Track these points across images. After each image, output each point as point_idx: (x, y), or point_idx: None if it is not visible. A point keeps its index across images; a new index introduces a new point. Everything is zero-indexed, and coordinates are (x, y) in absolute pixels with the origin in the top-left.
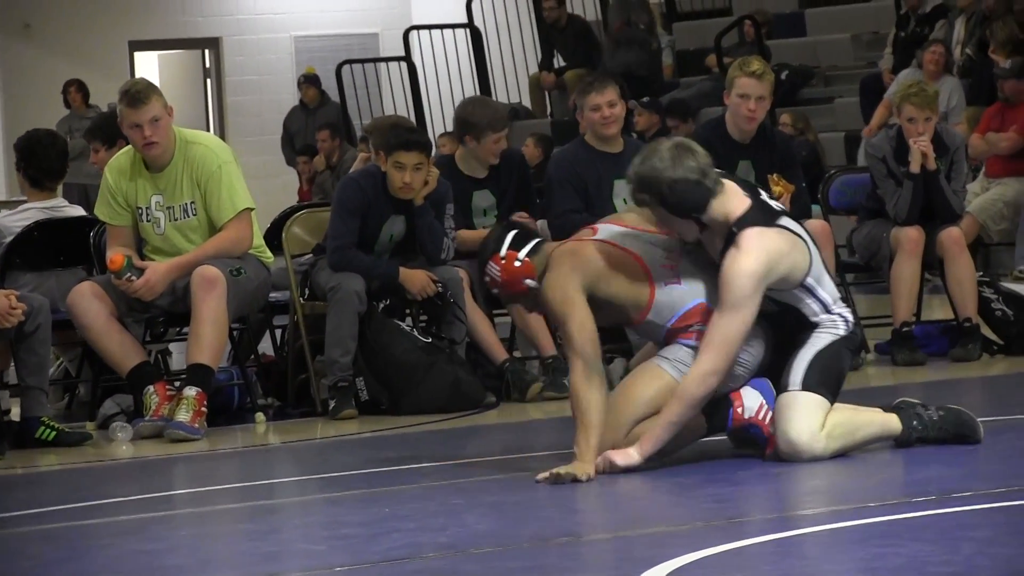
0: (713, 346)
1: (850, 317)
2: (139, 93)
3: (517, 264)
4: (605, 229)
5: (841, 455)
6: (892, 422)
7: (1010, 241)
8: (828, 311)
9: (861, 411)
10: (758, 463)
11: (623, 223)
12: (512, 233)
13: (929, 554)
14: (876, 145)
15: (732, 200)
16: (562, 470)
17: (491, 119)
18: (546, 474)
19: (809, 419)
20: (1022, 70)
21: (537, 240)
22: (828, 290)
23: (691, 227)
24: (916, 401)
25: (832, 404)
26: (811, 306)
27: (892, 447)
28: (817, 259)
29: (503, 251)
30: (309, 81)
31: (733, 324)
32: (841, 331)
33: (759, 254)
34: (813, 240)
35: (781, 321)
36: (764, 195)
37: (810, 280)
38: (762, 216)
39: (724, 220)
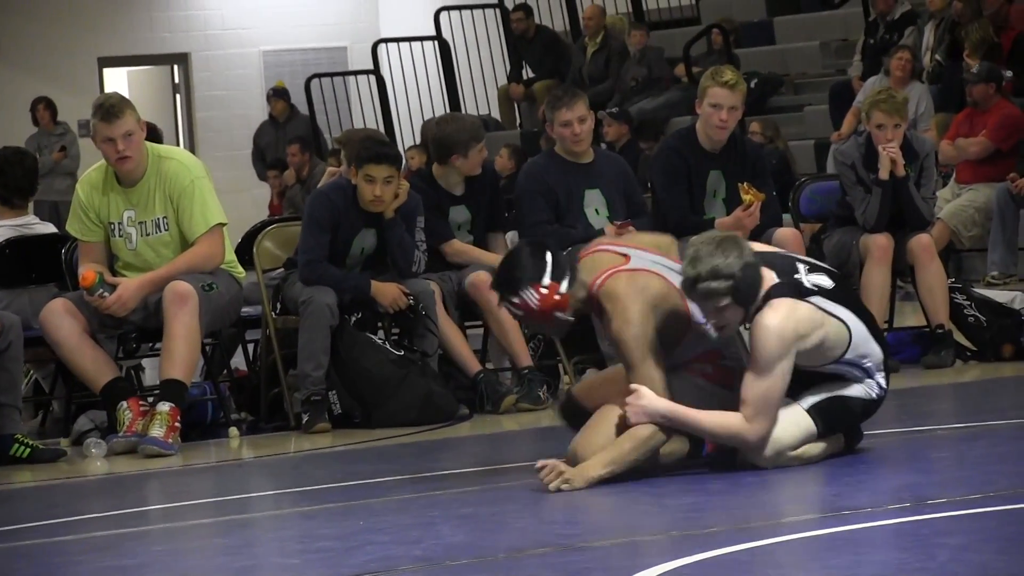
0: (751, 406)
1: (884, 384)
2: (113, 108)
3: (557, 297)
4: (639, 256)
5: (815, 463)
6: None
7: (982, 247)
8: (869, 376)
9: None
10: (732, 473)
11: (650, 249)
12: (550, 261)
13: (904, 561)
14: (845, 152)
15: (764, 277)
16: (565, 473)
17: (472, 132)
18: (549, 472)
19: (787, 433)
20: (990, 73)
21: (572, 270)
22: (872, 359)
23: (740, 313)
24: None
25: (816, 438)
26: (852, 372)
27: (864, 454)
28: (860, 334)
29: (546, 280)
30: (278, 95)
31: (764, 386)
32: (874, 394)
33: (787, 315)
34: (859, 315)
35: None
36: (799, 274)
37: (849, 356)
38: (792, 291)
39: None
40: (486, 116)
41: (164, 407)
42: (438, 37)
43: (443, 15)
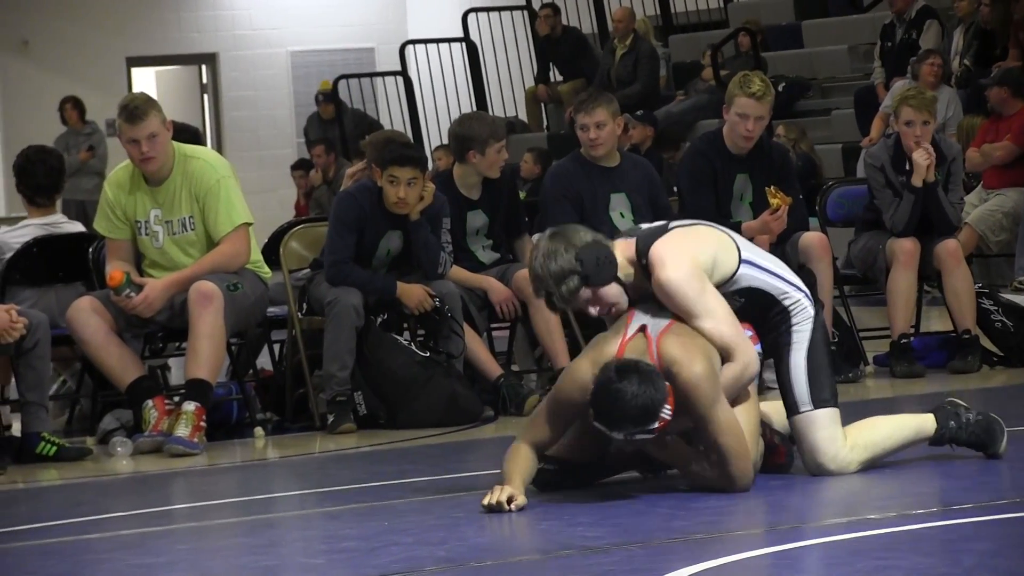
0: (727, 346)
1: (804, 287)
2: (137, 109)
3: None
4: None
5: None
6: (927, 424)
7: (1009, 252)
8: (789, 283)
9: (885, 420)
10: (757, 476)
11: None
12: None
13: (929, 566)
14: (874, 154)
15: (620, 247)
16: None
17: (491, 130)
18: None
19: (834, 439)
20: (1003, 78)
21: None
22: (773, 262)
23: (619, 291)
24: (961, 403)
25: (837, 406)
26: (769, 282)
27: (889, 459)
28: (740, 238)
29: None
30: (328, 99)
31: (715, 323)
32: (810, 310)
33: (673, 256)
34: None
35: (751, 313)
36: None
37: (747, 254)
38: (653, 231)
39: (629, 263)
40: (513, 118)
41: (189, 406)
42: (466, 39)
43: (471, 17)
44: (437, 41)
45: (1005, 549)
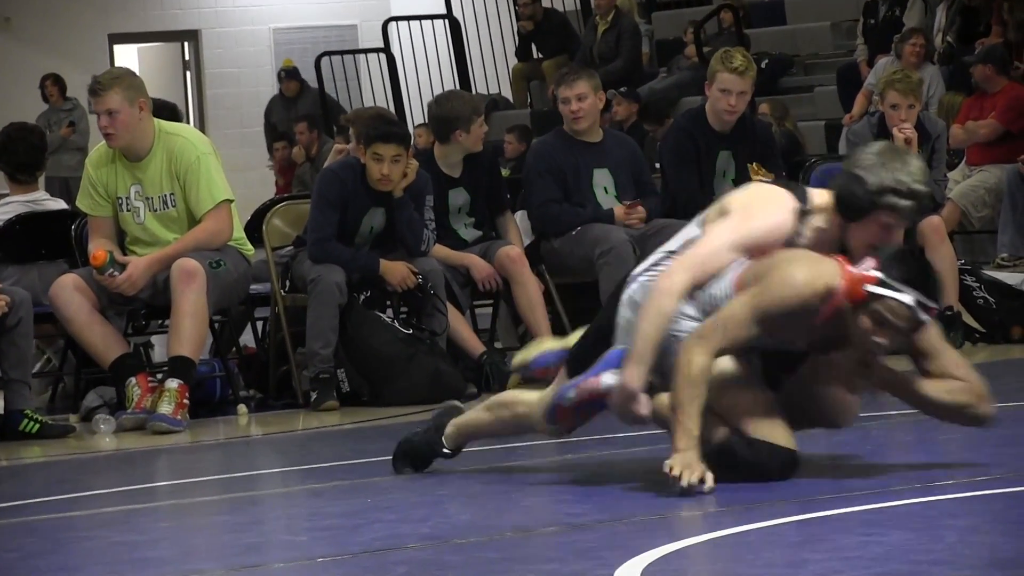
0: None
1: None
2: (98, 84)
3: None
4: None
5: (816, 444)
6: None
7: (992, 229)
8: None
9: None
10: None
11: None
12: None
13: (911, 542)
14: (857, 132)
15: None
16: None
17: (473, 106)
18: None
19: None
20: (987, 55)
21: None
22: None
23: None
24: None
25: None
26: None
27: (872, 435)
28: None
29: None
30: (290, 76)
31: None
32: None
33: None
34: None
35: None
36: None
37: None
38: None
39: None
40: (496, 95)
41: (172, 384)
42: (449, 16)
43: None
44: (420, 18)
45: (986, 525)
